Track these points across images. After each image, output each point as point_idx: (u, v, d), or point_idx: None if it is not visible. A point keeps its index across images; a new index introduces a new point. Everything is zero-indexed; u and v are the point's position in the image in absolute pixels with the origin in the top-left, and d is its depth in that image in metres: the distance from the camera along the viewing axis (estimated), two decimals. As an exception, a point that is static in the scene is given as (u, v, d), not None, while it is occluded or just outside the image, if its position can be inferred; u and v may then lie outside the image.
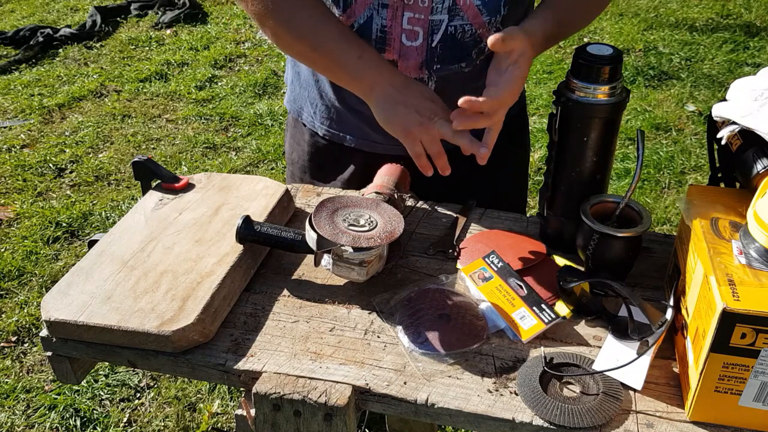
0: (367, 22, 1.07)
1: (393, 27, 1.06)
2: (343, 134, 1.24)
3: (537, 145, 3.16)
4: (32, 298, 2.42)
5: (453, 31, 1.06)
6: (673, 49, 4.13)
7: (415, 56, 1.08)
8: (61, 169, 3.21)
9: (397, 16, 1.05)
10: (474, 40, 1.08)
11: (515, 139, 1.33)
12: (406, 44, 1.07)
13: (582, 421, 0.77)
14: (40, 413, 2.01)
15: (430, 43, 1.07)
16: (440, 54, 1.08)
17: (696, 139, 3.27)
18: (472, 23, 1.06)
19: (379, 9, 1.05)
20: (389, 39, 1.07)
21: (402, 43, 1.07)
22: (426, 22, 1.05)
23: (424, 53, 1.08)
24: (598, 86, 0.92)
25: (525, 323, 0.90)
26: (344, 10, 1.07)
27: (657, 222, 2.74)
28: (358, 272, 0.94)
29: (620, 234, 0.92)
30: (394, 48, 1.08)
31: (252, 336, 0.91)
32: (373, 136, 1.21)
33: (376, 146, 1.22)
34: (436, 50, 1.08)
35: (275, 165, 3.21)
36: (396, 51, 1.08)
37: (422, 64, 1.09)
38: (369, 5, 1.05)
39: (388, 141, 1.21)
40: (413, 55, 1.08)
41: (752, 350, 0.72)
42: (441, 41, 1.07)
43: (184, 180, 1.17)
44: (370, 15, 1.06)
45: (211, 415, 2.01)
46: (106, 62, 4.30)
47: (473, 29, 1.07)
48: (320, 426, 0.83)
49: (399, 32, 1.07)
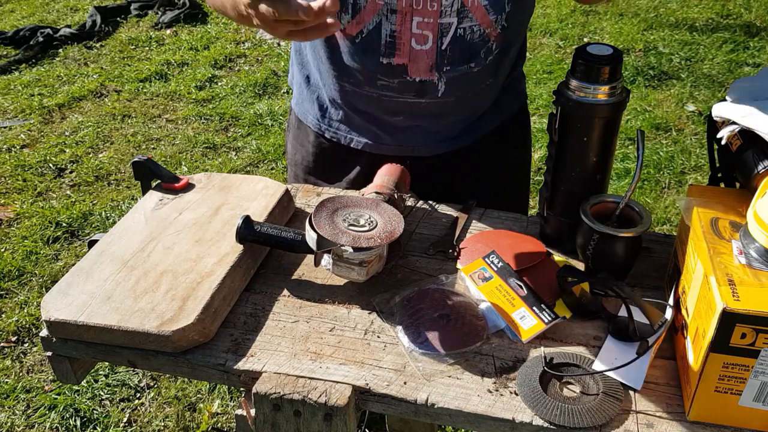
0: (376, 28, 1.07)
1: (402, 32, 1.06)
2: (351, 136, 1.24)
3: (537, 145, 3.16)
4: (32, 298, 2.42)
5: (462, 32, 1.07)
6: (673, 49, 4.13)
7: (425, 59, 1.09)
8: (61, 169, 3.21)
9: (406, 21, 1.05)
10: (483, 40, 1.09)
11: (516, 140, 1.33)
12: (415, 48, 1.08)
13: (582, 421, 0.77)
14: (40, 413, 2.01)
15: (439, 46, 1.07)
16: (450, 56, 1.09)
17: (696, 139, 3.27)
18: (480, 23, 1.06)
19: (388, 15, 1.06)
20: (399, 44, 1.08)
21: (412, 48, 1.08)
22: (435, 25, 1.06)
23: (434, 56, 1.08)
24: (598, 86, 0.92)
25: (525, 323, 0.90)
26: (353, 17, 1.07)
27: (657, 222, 2.74)
28: (358, 272, 0.94)
29: (620, 234, 0.92)
30: (404, 52, 1.08)
31: (252, 336, 0.91)
32: (382, 137, 1.21)
33: (383, 147, 1.22)
34: (446, 53, 1.08)
35: (275, 165, 3.21)
36: (406, 55, 1.08)
37: (432, 66, 1.09)
38: (378, 11, 1.05)
39: (396, 142, 1.21)
40: (423, 59, 1.09)
41: (752, 350, 0.72)
42: (450, 44, 1.07)
43: (184, 180, 1.17)
44: (379, 21, 1.06)
45: (211, 415, 2.01)
46: (106, 62, 4.30)
47: (482, 29, 1.07)
48: (320, 426, 0.83)
49: (408, 37, 1.07)
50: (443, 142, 1.22)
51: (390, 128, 1.20)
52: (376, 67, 1.11)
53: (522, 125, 1.34)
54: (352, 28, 1.08)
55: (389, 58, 1.09)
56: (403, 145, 1.22)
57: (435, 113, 1.17)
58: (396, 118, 1.18)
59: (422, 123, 1.19)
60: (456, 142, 1.23)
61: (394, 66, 1.10)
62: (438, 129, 1.20)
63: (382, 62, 1.10)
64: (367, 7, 1.05)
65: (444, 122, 1.19)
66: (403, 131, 1.20)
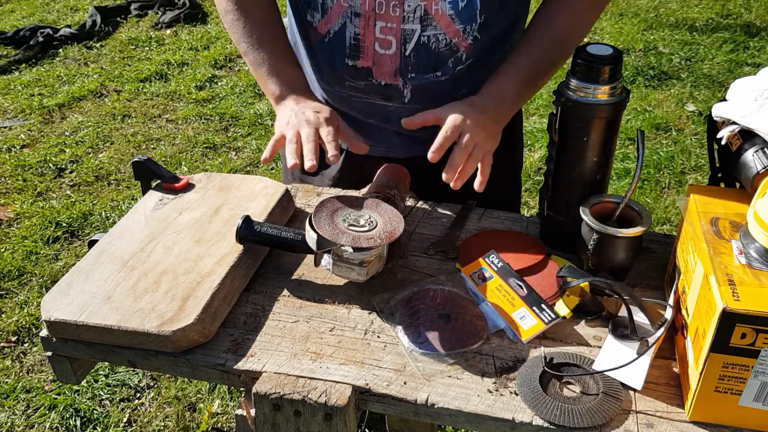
0: (341, 30, 1.08)
1: (366, 35, 1.07)
2: None
3: (537, 145, 3.16)
4: (32, 298, 2.42)
5: (426, 40, 1.07)
6: (673, 49, 4.13)
7: (389, 64, 1.09)
8: (61, 169, 3.21)
9: (369, 25, 1.06)
10: (450, 49, 1.08)
11: (503, 145, 1.31)
12: (379, 52, 1.08)
13: (582, 421, 0.77)
14: (40, 413, 2.01)
15: (403, 52, 1.08)
16: (414, 63, 1.09)
17: (696, 139, 3.27)
18: (445, 32, 1.06)
19: (352, 17, 1.06)
20: (363, 47, 1.08)
21: (375, 51, 1.08)
22: (398, 31, 1.06)
23: (398, 61, 1.09)
24: (598, 86, 0.92)
25: (525, 323, 0.90)
26: (322, 16, 1.09)
27: (657, 222, 2.74)
28: (358, 272, 0.94)
29: (620, 234, 0.92)
30: (368, 55, 1.09)
31: (252, 336, 0.91)
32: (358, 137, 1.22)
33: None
34: (410, 59, 1.09)
35: (275, 165, 3.21)
36: (370, 59, 1.09)
37: (396, 72, 1.10)
38: (342, 13, 1.06)
39: (372, 142, 1.22)
40: (387, 63, 1.09)
41: (752, 350, 0.72)
42: (414, 50, 1.08)
43: (184, 180, 1.17)
44: (343, 23, 1.08)
45: (211, 415, 2.01)
46: (106, 62, 4.30)
47: (447, 38, 1.07)
48: (320, 426, 0.83)
49: (372, 41, 1.08)
50: (417, 144, 1.21)
51: (365, 128, 1.21)
52: (344, 68, 1.12)
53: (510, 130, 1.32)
54: (322, 27, 1.10)
55: (354, 60, 1.10)
56: (378, 145, 1.22)
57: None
58: (369, 120, 1.19)
59: (393, 127, 1.18)
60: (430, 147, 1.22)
61: (359, 68, 1.11)
62: (410, 133, 1.20)
63: (348, 63, 1.11)
64: (333, 8, 1.07)
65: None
66: (379, 132, 1.21)
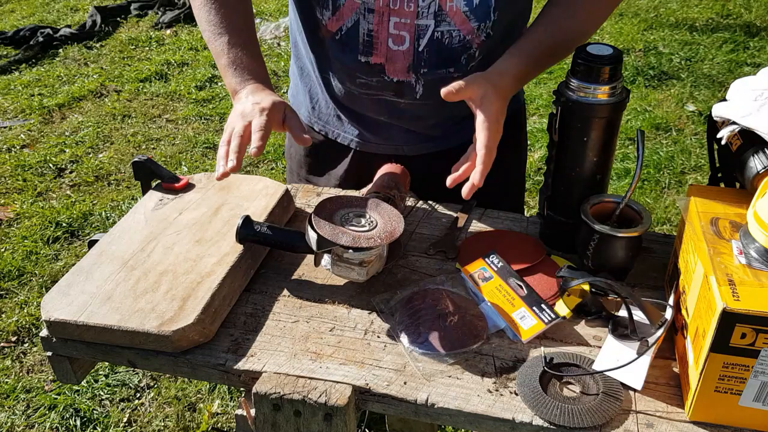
0: (354, 26, 1.08)
1: (379, 31, 1.07)
2: (338, 131, 1.25)
3: (537, 145, 3.16)
4: (32, 298, 2.42)
5: (440, 36, 1.07)
6: (673, 49, 4.13)
7: (402, 60, 1.09)
8: (61, 169, 3.21)
9: (383, 20, 1.06)
10: (463, 45, 1.08)
11: (509, 142, 1.32)
12: (392, 48, 1.08)
13: (582, 421, 0.77)
14: (40, 413, 2.01)
15: (416, 48, 1.08)
16: (427, 58, 1.09)
17: (696, 139, 3.27)
18: (459, 29, 1.06)
19: (365, 14, 1.06)
20: (376, 43, 1.08)
21: (389, 48, 1.08)
22: (412, 26, 1.06)
23: (411, 57, 1.09)
24: (598, 86, 0.92)
25: (525, 323, 0.90)
26: (333, 14, 1.08)
27: (657, 222, 2.74)
28: (358, 272, 0.94)
29: (620, 234, 0.92)
30: (381, 52, 1.09)
31: (252, 336, 0.91)
32: (366, 135, 1.22)
33: (369, 145, 1.23)
34: (423, 54, 1.08)
35: (275, 165, 3.21)
36: (383, 55, 1.09)
37: (409, 67, 1.10)
38: (356, 9, 1.06)
39: (381, 140, 1.22)
40: (400, 59, 1.09)
41: (752, 350, 0.72)
42: (427, 46, 1.07)
43: (184, 180, 1.17)
44: (356, 19, 1.07)
45: (211, 415, 2.01)
46: (106, 62, 4.30)
47: (461, 35, 1.07)
48: (320, 426, 0.83)
49: (385, 36, 1.07)
50: (427, 142, 1.22)
51: (374, 126, 1.21)
52: (355, 65, 1.12)
53: (516, 127, 1.33)
54: (332, 25, 1.09)
55: (367, 56, 1.10)
56: (387, 143, 1.22)
57: (416, 114, 1.17)
58: (379, 117, 1.19)
59: (404, 123, 1.19)
60: (440, 143, 1.22)
61: (372, 65, 1.10)
62: (420, 130, 1.20)
63: (360, 60, 1.10)
64: (345, 5, 1.06)
65: (425, 124, 1.20)
66: (388, 129, 1.21)
